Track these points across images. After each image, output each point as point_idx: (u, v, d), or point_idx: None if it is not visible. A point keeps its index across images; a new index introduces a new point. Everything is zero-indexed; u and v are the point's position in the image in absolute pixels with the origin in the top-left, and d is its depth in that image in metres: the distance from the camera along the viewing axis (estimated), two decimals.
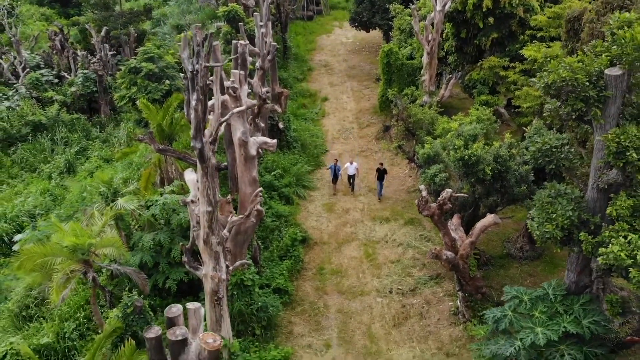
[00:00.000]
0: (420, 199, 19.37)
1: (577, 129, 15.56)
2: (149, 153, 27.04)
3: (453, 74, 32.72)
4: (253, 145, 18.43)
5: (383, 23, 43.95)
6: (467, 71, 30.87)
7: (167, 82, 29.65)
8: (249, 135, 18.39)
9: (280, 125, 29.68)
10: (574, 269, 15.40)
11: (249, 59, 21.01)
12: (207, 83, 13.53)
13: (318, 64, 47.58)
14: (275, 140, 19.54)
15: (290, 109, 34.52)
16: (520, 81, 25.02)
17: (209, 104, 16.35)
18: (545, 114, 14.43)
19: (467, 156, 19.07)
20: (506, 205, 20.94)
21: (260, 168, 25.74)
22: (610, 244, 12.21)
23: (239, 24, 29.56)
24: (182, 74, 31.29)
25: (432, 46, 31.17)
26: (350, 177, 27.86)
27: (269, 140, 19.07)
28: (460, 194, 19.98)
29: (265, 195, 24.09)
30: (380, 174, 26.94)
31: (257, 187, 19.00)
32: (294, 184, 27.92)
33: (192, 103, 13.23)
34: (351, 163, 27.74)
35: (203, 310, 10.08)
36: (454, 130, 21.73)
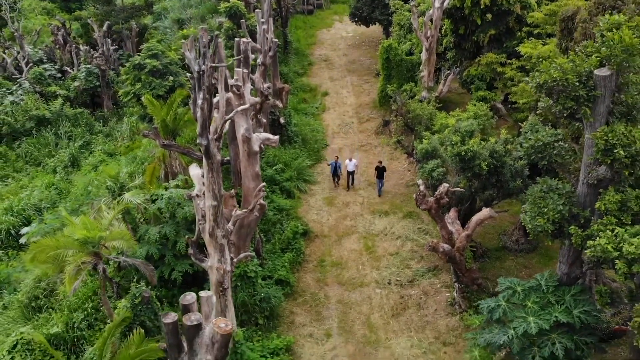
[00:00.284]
0: (418, 193, 19.97)
1: (570, 125, 16.09)
2: (153, 148, 27.59)
3: (451, 69, 33.17)
4: (256, 141, 18.99)
5: (383, 18, 44.29)
6: (465, 67, 31.33)
7: (171, 79, 30.12)
8: (252, 132, 18.93)
9: (282, 120, 30.19)
10: (566, 261, 15.97)
11: (251, 56, 21.51)
12: (213, 82, 14.05)
13: (318, 59, 47.94)
14: (277, 137, 20.08)
15: (291, 103, 34.98)
16: (517, 77, 25.51)
17: (214, 101, 16.88)
18: (539, 111, 14.98)
19: (464, 152, 19.60)
20: (502, 199, 21.48)
21: (262, 162, 26.24)
22: (598, 237, 12.80)
23: (241, 20, 29.96)
24: (185, 71, 31.74)
25: (431, 42, 31.60)
26: (350, 174, 28.30)
27: (271, 136, 19.62)
28: (457, 188, 20.54)
29: (267, 189, 24.65)
30: (380, 171, 27.32)
31: (260, 182, 19.56)
32: (295, 178, 28.44)
33: (199, 102, 13.76)
34: (350, 160, 28.17)
35: (214, 298, 10.72)
36: (452, 126, 22.25)
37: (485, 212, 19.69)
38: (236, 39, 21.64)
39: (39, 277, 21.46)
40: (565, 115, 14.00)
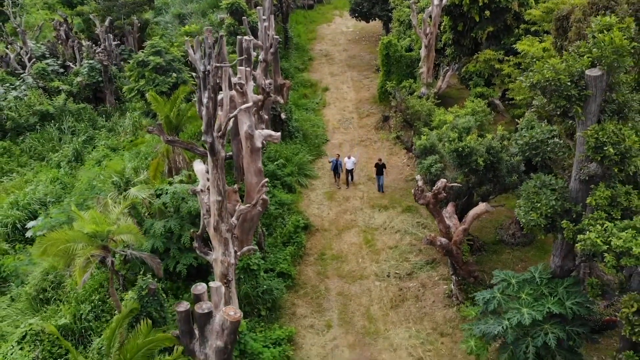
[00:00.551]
0: (417, 188, 20.48)
1: (564, 122, 16.55)
2: (156, 143, 28.06)
3: (450, 66, 33.60)
4: (258, 138, 19.49)
5: (383, 14, 44.67)
6: (464, 63, 31.77)
7: (174, 75, 30.53)
8: (254, 129, 19.41)
9: (283, 115, 30.63)
10: (559, 254, 16.45)
11: (253, 54, 21.96)
12: (217, 82, 14.52)
13: (319, 54, 48.31)
14: (279, 133, 20.57)
15: (292, 99, 35.40)
16: (514, 74, 25.94)
17: (218, 98, 17.35)
18: (533, 109, 15.46)
19: (461, 148, 20.06)
20: (498, 194, 21.97)
21: (263, 158, 26.73)
22: (588, 231, 13.31)
23: (242, 17, 30.34)
24: (188, 67, 32.05)
25: (430, 39, 32.00)
26: (349, 172, 28.56)
27: (273, 133, 20.11)
28: (454, 183, 21.02)
29: (268, 184, 25.11)
30: (379, 169, 27.63)
31: (263, 178, 20.07)
32: (296, 173, 28.91)
33: (204, 101, 14.24)
34: (349, 157, 28.46)
35: (223, 289, 11.28)
36: (449, 122, 22.71)
37: (481, 207, 20.19)
38: (238, 37, 22.10)
39: (47, 270, 21.96)
40: (558, 113, 14.48)
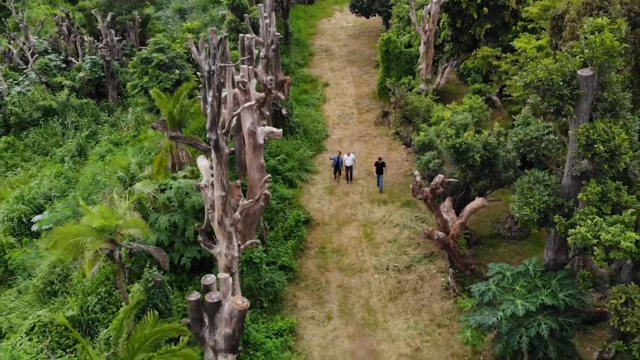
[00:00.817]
0: (415, 183, 21.00)
1: (557, 120, 17.02)
2: (159, 139, 28.51)
3: (449, 62, 34.01)
4: (261, 134, 19.97)
5: (382, 10, 44.97)
6: (462, 60, 32.19)
7: (177, 72, 30.89)
8: (257, 126, 19.89)
9: (284, 111, 31.07)
10: (552, 248, 16.97)
11: (255, 51, 22.40)
12: (222, 81, 14.98)
13: (319, 49, 48.57)
14: (280, 130, 21.03)
15: (292, 94, 35.75)
16: (512, 71, 26.38)
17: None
18: (527, 107, 15.93)
19: (458, 144, 20.57)
20: (495, 188, 22.49)
21: (265, 153, 27.19)
22: (579, 226, 13.83)
23: (244, 14, 30.70)
24: (190, 64, 32.39)
25: (429, 36, 32.38)
26: (348, 169, 28.85)
27: (275, 129, 20.59)
28: (451, 179, 21.53)
29: (270, 180, 25.60)
30: (379, 167, 27.91)
31: (265, 173, 20.57)
32: (297, 168, 29.34)
33: (209, 99, 14.71)
34: (349, 155, 28.76)
35: (231, 280, 11.84)
36: (447, 119, 23.18)
37: (478, 202, 20.71)
38: (240, 35, 22.51)
39: (54, 263, 22.48)
40: (551, 111, 14.96)
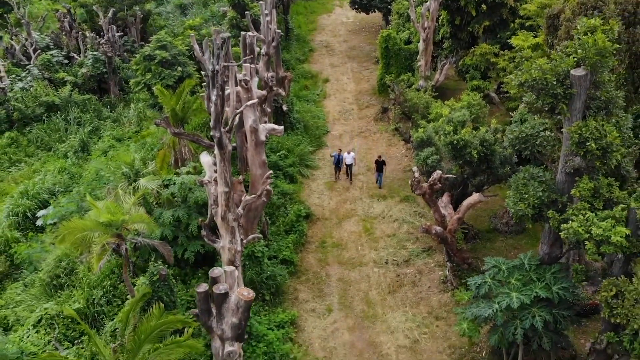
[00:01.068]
0: (413, 179, 21.44)
1: (552, 118, 17.44)
2: (162, 135, 28.91)
3: (448, 58, 34.37)
4: (262, 131, 20.40)
5: (382, 6, 45.22)
6: (461, 56, 32.55)
7: (179, 69, 31.25)
8: (258, 123, 20.31)
9: (284, 107, 31.44)
10: (547, 242, 17.41)
11: (256, 49, 22.77)
12: (225, 80, 15.40)
13: (319, 45, 48.82)
14: (282, 127, 21.46)
15: (293, 90, 36.09)
16: (509, 68, 26.75)
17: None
18: (523, 105, 16.35)
19: (456, 140, 20.97)
20: (492, 184, 22.91)
21: (266, 149, 27.59)
22: (571, 221, 14.27)
23: (245, 12, 31.01)
24: (192, 61, 32.69)
25: (428, 33, 32.71)
26: (348, 166, 29.07)
27: (276, 126, 21.01)
28: (449, 174, 21.96)
29: (272, 176, 25.99)
30: (379, 165, 28.20)
31: (267, 170, 21.01)
32: (298, 163, 29.72)
33: (213, 98, 15.12)
34: (349, 153, 28.99)
35: (237, 272, 12.32)
36: (445, 116, 23.57)
37: (475, 197, 21.14)
38: (242, 33, 22.88)
39: (60, 257, 22.93)
40: (546, 109, 15.39)
